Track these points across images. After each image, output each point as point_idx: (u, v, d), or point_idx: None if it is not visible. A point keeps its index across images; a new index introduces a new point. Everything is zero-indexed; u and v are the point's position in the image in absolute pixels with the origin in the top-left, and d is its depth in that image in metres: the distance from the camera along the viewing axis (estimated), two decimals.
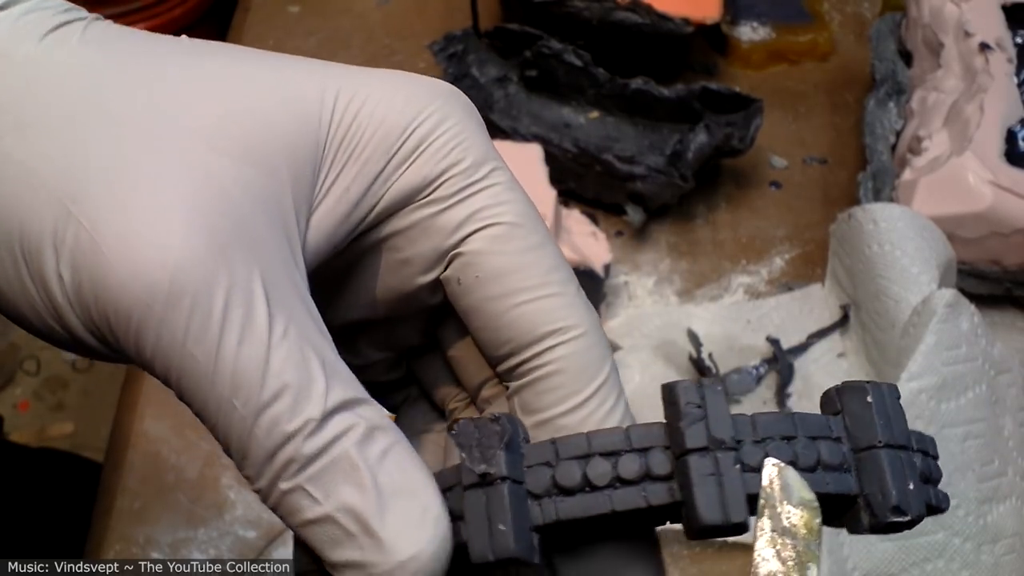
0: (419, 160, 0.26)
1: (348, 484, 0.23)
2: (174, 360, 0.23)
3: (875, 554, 0.59)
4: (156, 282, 0.23)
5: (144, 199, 0.23)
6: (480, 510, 0.23)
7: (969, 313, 0.63)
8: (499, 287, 0.26)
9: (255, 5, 0.99)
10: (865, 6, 1.00)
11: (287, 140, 0.25)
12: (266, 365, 0.23)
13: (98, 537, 0.66)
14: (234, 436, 0.23)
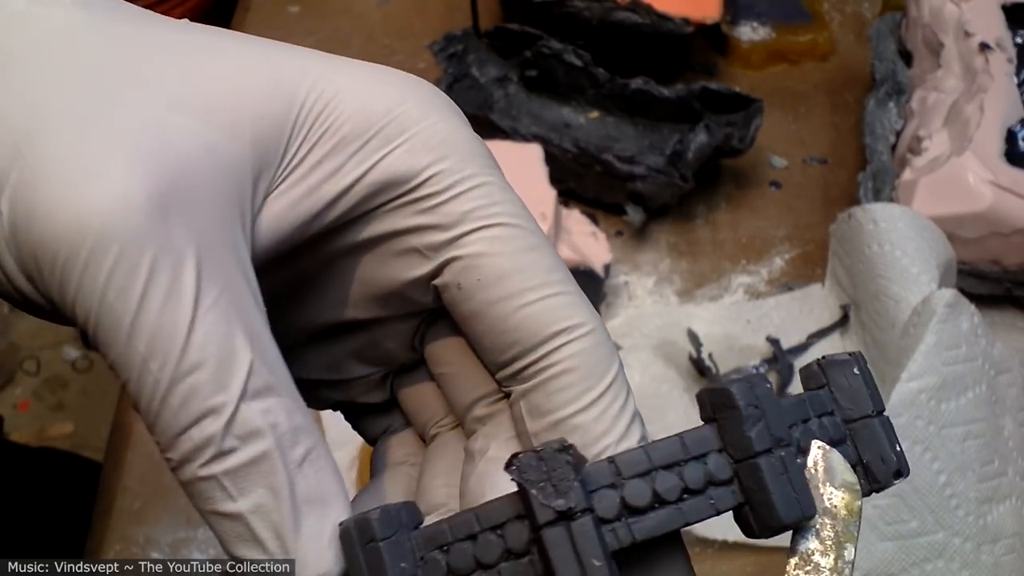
0: (404, 147, 0.25)
1: (265, 486, 0.22)
2: (93, 309, 0.22)
3: (875, 554, 0.59)
4: (86, 225, 0.22)
5: (92, 145, 0.22)
6: (567, 549, 0.21)
7: (969, 313, 0.63)
8: (502, 289, 0.25)
9: (255, 5, 0.99)
10: (865, 6, 1.00)
11: (256, 108, 0.24)
12: (188, 334, 0.22)
13: (98, 537, 0.66)
14: (145, 400, 0.22)
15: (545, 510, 0.21)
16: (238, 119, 0.24)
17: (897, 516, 0.59)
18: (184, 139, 0.23)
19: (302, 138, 0.25)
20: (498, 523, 0.22)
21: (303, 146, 0.25)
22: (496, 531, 0.22)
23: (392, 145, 0.25)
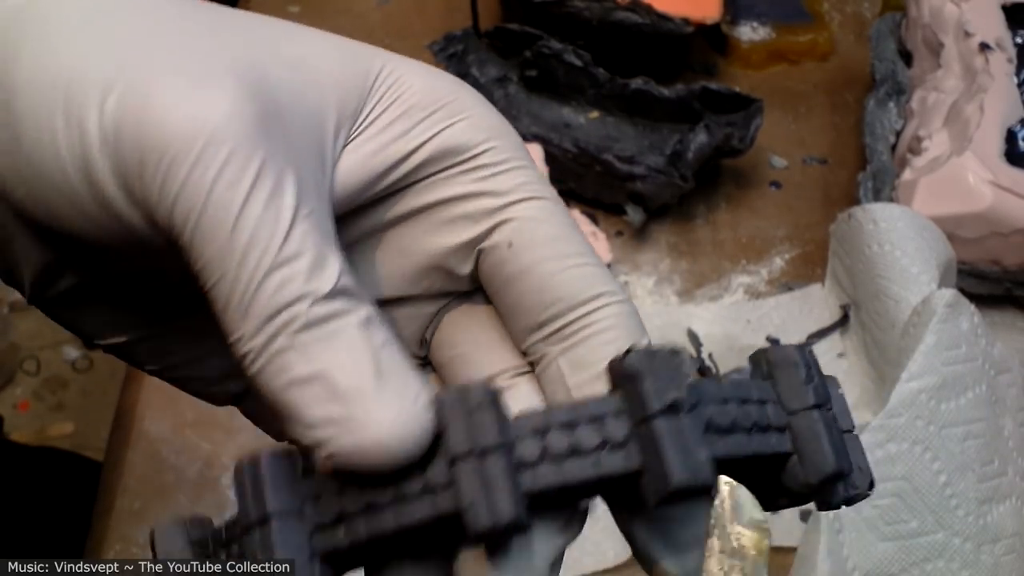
0: (464, 122, 0.27)
1: (347, 351, 0.23)
2: (198, 201, 0.23)
3: (875, 554, 0.59)
4: (201, 125, 0.23)
5: (197, 66, 0.24)
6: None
7: (969, 313, 0.63)
8: (552, 249, 0.26)
9: (255, 5, 0.99)
10: (865, 6, 1.00)
11: (335, 70, 0.26)
12: (289, 229, 0.23)
13: (98, 537, 0.66)
14: (240, 289, 0.23)
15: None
16: (320, 76, 0.26)
17: (897, 516, 0.59)
18: (277, 80, 0.25)
19: (375, 102, 0.27)
20: (597, 415, 0.23)
21: (376, 108, 0.26)
22: (594, 423, 0.23)
23: (455, 119, 0.27)
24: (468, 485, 0.22)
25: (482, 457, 0.22)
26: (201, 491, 0.68)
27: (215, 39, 0.25)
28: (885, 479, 0.59)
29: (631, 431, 0.23)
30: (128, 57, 0.24)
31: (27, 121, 0.24)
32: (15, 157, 0.25)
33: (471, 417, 0.22)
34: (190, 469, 0.68)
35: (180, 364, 0.30)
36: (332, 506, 0.23)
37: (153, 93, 0.23)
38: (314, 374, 0.23)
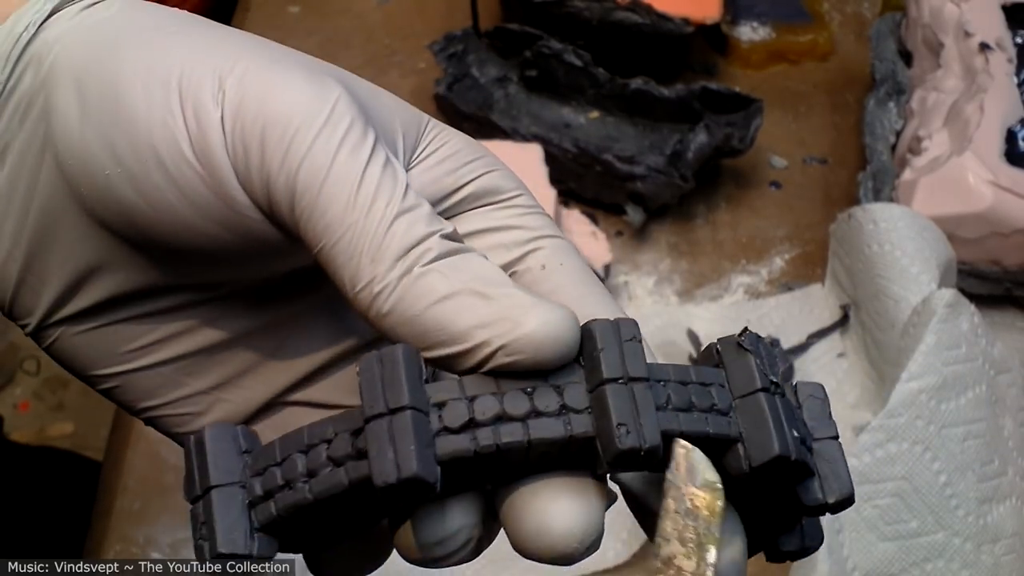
0: (500, 172, 0.30)
1: (484, 269, 0.25)
2: (323, 164, 0.25)
3: (875, 554, 0.59)
4: (324, 98, 0.25)
5: (302, 63, 0.27)
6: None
7: (969, 313, 0.63)
8: (579, 276, 0.28)
9: (255, 5, 0.99)
10: (865, 6, 1.00)
11: (398, 106, 0.29)
12: (406, 188, 0.25)
13: (98, 537, 0.66)
14: (369, 236, 0.24)
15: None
16: (389, 104, 0.29)
17: (897, 516, 0.59)
18: (359, 96, 0.27)
19: (428, 141, 0.29)
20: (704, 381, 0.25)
21: (429, 147, 0.29)
22: (707, 386, 0.25)
23: (492, 168, 0.29)
24: (619, 402, 0.23)
25: (632, 383, 0.23)
26: None
27: (302, 55, 0.28)
28: (885, 479, 0.59)
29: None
30: (237, 53, 0.26)
31: (139, 114, 0.26)
32: (120, 149, 0.26)
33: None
34: None
35: (180, 401, 0.30)
36: (459, 412, 0.23)
37: (273, 76, 0.26)
38: (460, 289, 0.24)
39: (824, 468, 0.26)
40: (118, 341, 0.29)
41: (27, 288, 0.29)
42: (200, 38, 0.27)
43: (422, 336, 0.24)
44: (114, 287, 0.28)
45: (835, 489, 0.26)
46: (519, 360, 0.23)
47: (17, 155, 0.27)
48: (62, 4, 0.28)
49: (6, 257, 0.28)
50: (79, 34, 0.27)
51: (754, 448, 0.24)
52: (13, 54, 0.27)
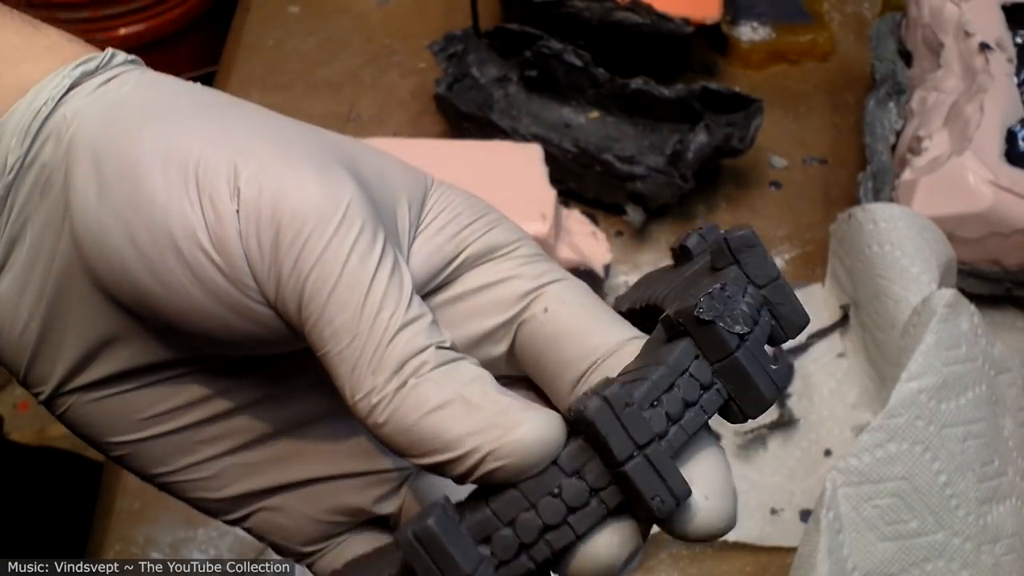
0: (501, 228, 0.30)
1: (476, 378, 0.26)
2: (334, 270, 0.25)
3: (875, 554, 0.59)
4: (338, 200, 0.26)
5: (313, 154, 0.27)
6: (757, 365, 0.26)
7: (969, 313, 0.63)
8: (584, 309, 0.29)
9: (255, 5, 0.99)
10: (865, 6, 1.00)
11: (401, 178, 0.30)
12: (411, 296, 0.26)
13: (98, 537, 0.66)
14: (372, 347, 0.25)
15: (732, 336, 0.26)
16: (395, 182, 0.29)
17: (897, 516, 0.59)
18: (366, 180, 0.28)
19: (429, 208, 0.30)
20: (682, 369, 0.26)
21: (430, 214, 0.30)
22: (684, 375, 0.26)
23: (493, 225, 0.30)
24: (643, 477, 0.25)
25: (645, 450, 0.25)
26: None
27: (312, 137, 0.28)
28: (885, 479, 0.59)
29: (713, 371, 0.26)
30: (252, 142, 0.27)
31: (157, 199, 0.26)
32: (137, 232, 0.26)
33: (623, 419, 0.25)
34: None
35: (192, 467, 0.31)
36: (509, 543, 0.25)
37: (287, 172, 0.26)
38: (452, 398, 0.25)
39: (779, 309, 0.28)
40: (130, 409, 0.30)
41: (43, 357, 0.29)
42: (215, 124, 0.27)
43: (416, 444, 0.25)
44: (127, 359, 0.29)
45: (794, 324, 0.28)
46: (508, 464, 0.25)
47: (38, 228, 0.28)
48: (80, 79, 0.28)
49: (24, 328, 0.29)
50: (97, 110, 0.27)
51: (747, 405, 0.26)
52: (33, 127, 0.27)
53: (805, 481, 0.67)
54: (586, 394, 0.26)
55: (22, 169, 0.27)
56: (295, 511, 0.32)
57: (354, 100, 0.90)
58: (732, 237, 0.28)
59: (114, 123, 0.27)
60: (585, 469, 0.25)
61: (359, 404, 0.25)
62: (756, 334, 0.27)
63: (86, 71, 0.28)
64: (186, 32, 1.38)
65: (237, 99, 0.29)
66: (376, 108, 0.89)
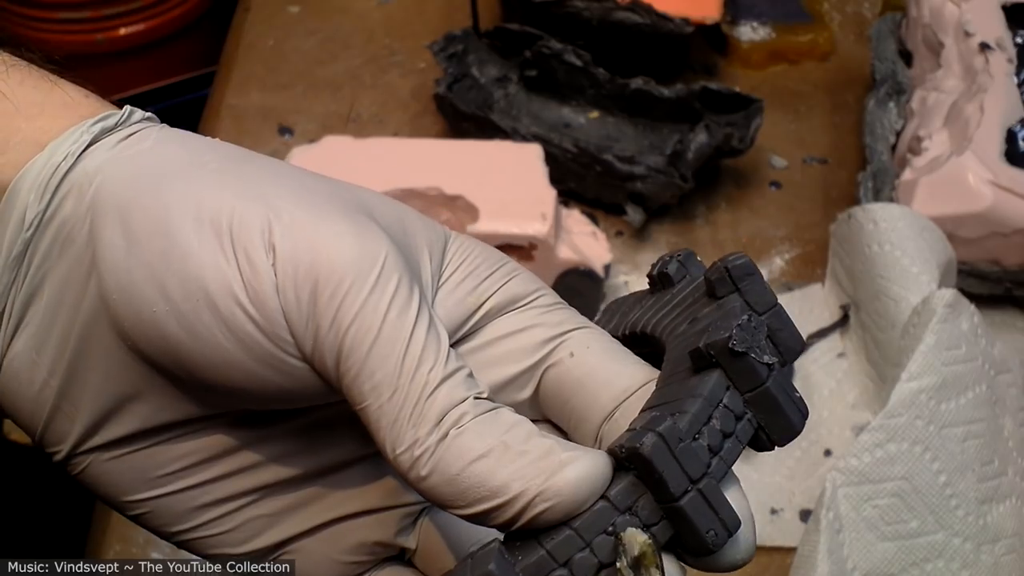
0: (517, 279, 0.31)
1: (516, 424, 0.26)
2: (373, 326, 0.26)
3: (875, 554, 0.59)
4: (375, 254, 0.26)
5: (343, 208, 0.27)
6: (785, 394, 0.26)
7: (969, 313, 0.63)
8: (608, 354, 0.30)
9: (255, 5, 0.99)
10: (865, 6, 1.00)
11: (422, 232, 0.30)
12: (448, 349, 0.26)
13: (98, 537, 0.66)
14: (412, 401, 0.25)
15: (763, 367, 0.26)
16: (416, 237, 0.29)
17: (897, 516, 0.59)
18: (392, 235, 0.28)
19: (451, 256, 0.30)
20: (717, 400, 0.26)
21: (452, 263, 0.30)
22: (719, 406, 0.26)
23: (511, 275, 0.31)
24: (698, 511, 0.25)
25: (698, 484, 0.25)
26: None
27: (336, 191, 0.28)
28: (885, 479, 0.59)
29: (745, 401, 0.27)
30: (281, 197, 0.27)
31: (190, 253, 0.26)
32: (170, 287, 0.26)
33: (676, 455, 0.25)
34: None
35: (213, 522, 0.31)
36: None
37: (321, 228, 0.26)
38: (494, 446, 0.25)
39: (778, 335, 0.28)
40: (149, 465, 0.30)
41: (61, 416, 0.29)
42: (242, 178, 0.28)
43: (462, 494, 0.25)
44: (148, 417, 0.29)
45: (792, 350, 0.28)
46: (557, 505, 0.25)
47: (57, 285, 0.28)
48: (100, 135, 0.28)
49: (42, 386, 0.28)
50: (121, 166, 0.27)
51: (776, 433, 0.27)
52: (52, 183, 0.27)
53: (805, 481, 0.67)
54: (633, 430, 0.26)
55: (41, 225, 0.27)
56: (317, 554, 0.31)
57: (354, 100, 0.90)
58: (733, 266, 0.28)
59: (140, 177, 0.27)
60: (638, 506, 0.25)
61: (401, 458, 0.26)
62: (779, 366, 0.27)
63: (105, 127, 0.28)
64: (186, 32, 1.38)
65: (257, 154, 0.30)
66: (376, 108, 0.89)
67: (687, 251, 0.32)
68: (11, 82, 0.28)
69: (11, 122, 0.28)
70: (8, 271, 0.27)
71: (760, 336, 0.26)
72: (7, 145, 0.28)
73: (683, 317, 0.30)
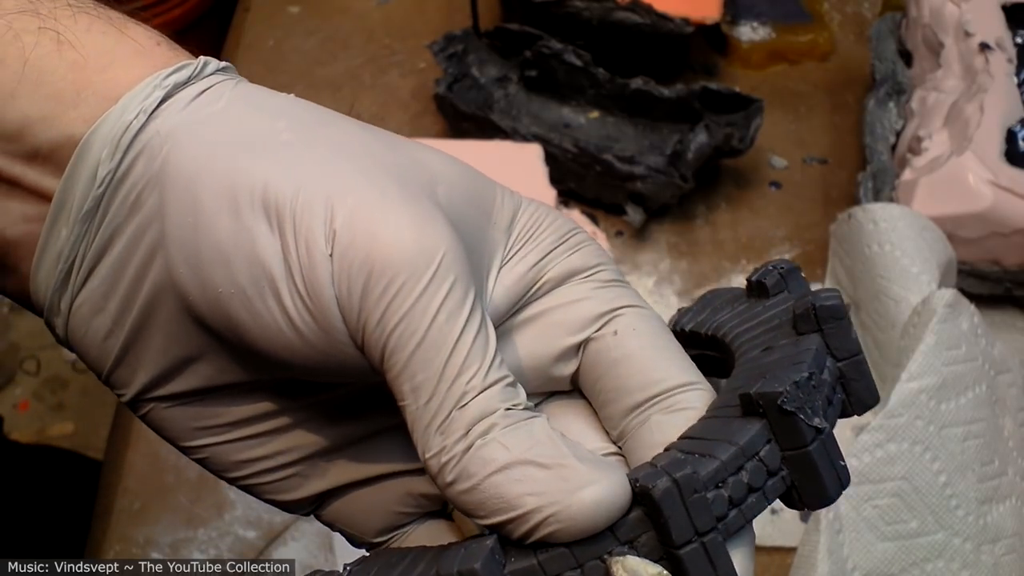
0: (583, 251, 0.30)
1: (543, 438, 0.26)
2: (420, 328, 0.25)
3: (875, 554, 0.59)
4: (433, 251, 0.26)
5: (411, 194, 0.27)
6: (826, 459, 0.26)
7: (969, 313, 0.63)
8: (652, 340, 0.29)
9: (255, 5, 0.99)
10: (865, 6, 1.00)
11: (494, 195, 0.30)
12: (493, 359, 0.26)
13: (98, 537, 0.66)
14: (446, 409, 0.25)
15: (810, 429, 0.25)
16: (480, 219, 0.29)
17: (897, 516, 0.59)
18: (457, 220, 0.27)
19: (517, 233, 0.30)
20: (753, 452, 0.26)
21: (515, 244, 0.30)
22: (754, 459, 0.26)
23: (576, 249, 0.30)
24: (696, 564, 0.25)
25: (703, 538, 0.25)
26: (200, 491, 0.68)
27: (411, 168, 0.28)
28: (885, 479, 0.59)
29: (782, 459, 0.26)
30: (350, 177, 0.27)
31: (258, 239, 0.26)
32: (237, 270, 0.26)
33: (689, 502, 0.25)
34: (190, 469, 0.68)
35: (266, 472, 0.31)
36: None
37: (383, 217, 0.26)
38: (517, 459, 0.25)
39: (852, 385, 0.28)
40: (205, 417, 0.30)
41: (124, 366, 0.29)
42: (312, 151, 0.27)
43: (482, 504, 0.25)
44: (206, 377, 0.29)
45: (864, 403, 0.28)
46: (567, 528, 0.25)
47: (126, 244, 0.28)
48: (173, 90, 0.28)
49: (107, 335, 0.29)
50: (191, 132, 0.27)
51: (809, 496, 0.26)
52: (124, 141, 0.27)
53: None
54: (654, 466, 0.25)
55: (112, 183, 0.27)
56: (365, 502, 0.32)
57: (354, 100, 0.90)
58: (821, 306, 0.27)
59: (209, 149, 0.27)
60: (639, 542, 0.25)
61: (430, 463, 0.26)
62: (829, 430, 0.26)
63: (178, 81, 0.28)
64: (186, 32, 1.38)
65: (330, 114, 0.29)
66: (376, 108, 0.89)
67: (792, 265, 0.31)
68: (78, 29, 0.28)
69: (81, 74, 0.27)
70: (80, 224, 0.27)
71: (816, 396, 0.26)
72: (78, 99, 0.27)
73: (761, 340, 0.29)
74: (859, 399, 0.27)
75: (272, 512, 0.66)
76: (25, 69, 0.27)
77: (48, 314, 0.29)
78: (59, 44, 0.27)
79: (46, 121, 0.27)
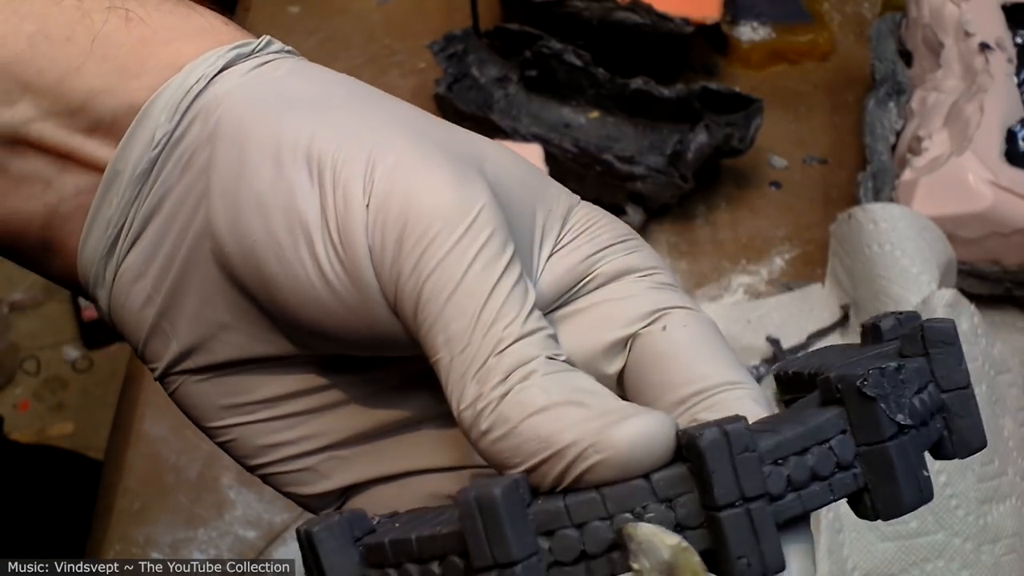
0: (640, 253, 0.30)
1: (584, 382, 0.25)
2: (454, 276, 0.25)
3: (875, 554, 0.59)
4: (470, 204, 0.25)
5: (451, 155, 0.27)
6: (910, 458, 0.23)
7: (969, 313, 0.63)
8: (702, 338, 0.29)
9: (255, 5, 0.99)
10: (865, 6, 1.00)
11: (548, 186, 0.29)
12: (531, 309, 0.25)
13: (98, 537, 0.66)
14: (482, 357, 0.24)
15: (892, 424, 0.23)
16: (531, 188, 0.29)
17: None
18: (503, 193, 0.27)
19: (570, 227, 0.29)
20: (823, 438, 0.23)
21: (571, 233, 0.29)
22: (823, 444, 0.23)
23: (631, 251, 0.30)
24: (737, 531, 0.22)
25: (749, 504, 0.22)
26: (201, 491, 0.68)
27: (454, 140, 0.28)
28: None
29: (855, 454, 0.23)
30: (394, 139, 0.26)
31: (296, 188, 0.26)
32: (273, 218, 0.26)
33: (735, 461, 0.22)
34: (190, 469, 0.68)
35: (290, 459, 0.31)
36: (571, 544, 0.22)
37: (422, 173, 0.26)
38: (557, 401, 0.24)
39: (956, 422, 0.25)
40: (235, 392, 0.30)
41: (160, 334, 0.29)
42: (362, 117, 0.27)
43: (517, 449, 0.24)
44: (238, 348, 0.29)
45: (968, 445, 0.25)
46: (607, 460, 0.23)
47: (173, 204, 0.28)
48: (235, 60, 0.28)
49: (146, 302, 0.29)
50: (246, 92, 0.28)
51: (881, 502, 0.24)
52: (183, 105, 0.27)
53: None
54: (706, 423, 0.23)
55: (168, 145, 0.27)
56: (389, 500, 0.31)
57: None
58: (930, 328, 0.25)
59: (261, 105, 0.27)
60: (678, 501, 0.22)
61: (464, 413, 0.25)
62: (920, 433, 0.24)
63: (241, 53, 0.28)
64: None
65: (386, 96, 0.29)
66: None
67: (913, 312, 0.28)
68: (148, 6, 0.28)
69: (147, 47, 0.28)
70: (132, 186, 0.28)
71: (906, 390, 0.23)
72: (142, 69, 0.28)
73: (860, 363, 0.26)
74: (962, 439, 0.25)
75: (272, 512, 0.66)
76: (93, 45, 0.27)
77: (93, 287, 0.29)
78: (127, 21, 0.28)
79: (110, 92, 0.28)
